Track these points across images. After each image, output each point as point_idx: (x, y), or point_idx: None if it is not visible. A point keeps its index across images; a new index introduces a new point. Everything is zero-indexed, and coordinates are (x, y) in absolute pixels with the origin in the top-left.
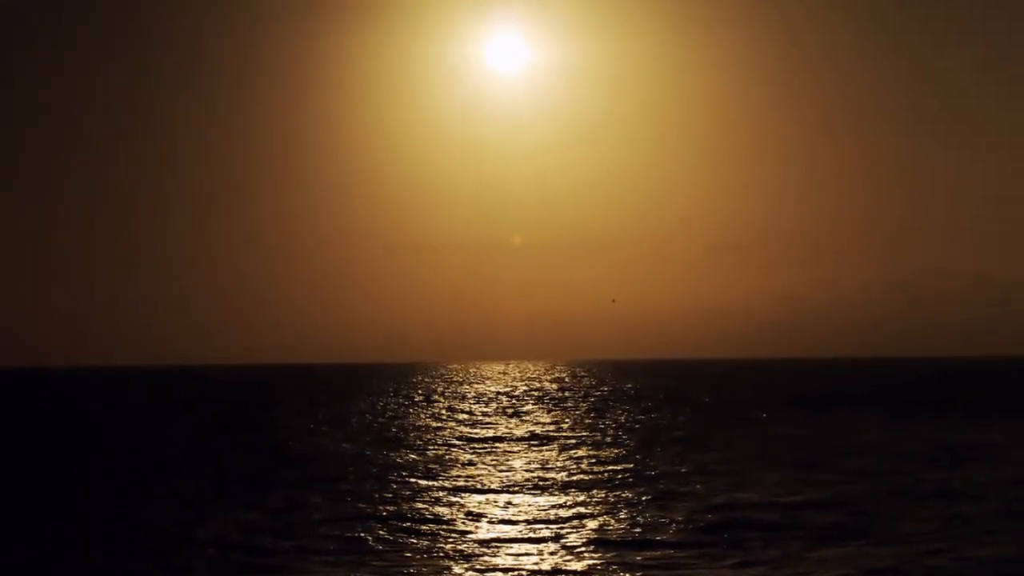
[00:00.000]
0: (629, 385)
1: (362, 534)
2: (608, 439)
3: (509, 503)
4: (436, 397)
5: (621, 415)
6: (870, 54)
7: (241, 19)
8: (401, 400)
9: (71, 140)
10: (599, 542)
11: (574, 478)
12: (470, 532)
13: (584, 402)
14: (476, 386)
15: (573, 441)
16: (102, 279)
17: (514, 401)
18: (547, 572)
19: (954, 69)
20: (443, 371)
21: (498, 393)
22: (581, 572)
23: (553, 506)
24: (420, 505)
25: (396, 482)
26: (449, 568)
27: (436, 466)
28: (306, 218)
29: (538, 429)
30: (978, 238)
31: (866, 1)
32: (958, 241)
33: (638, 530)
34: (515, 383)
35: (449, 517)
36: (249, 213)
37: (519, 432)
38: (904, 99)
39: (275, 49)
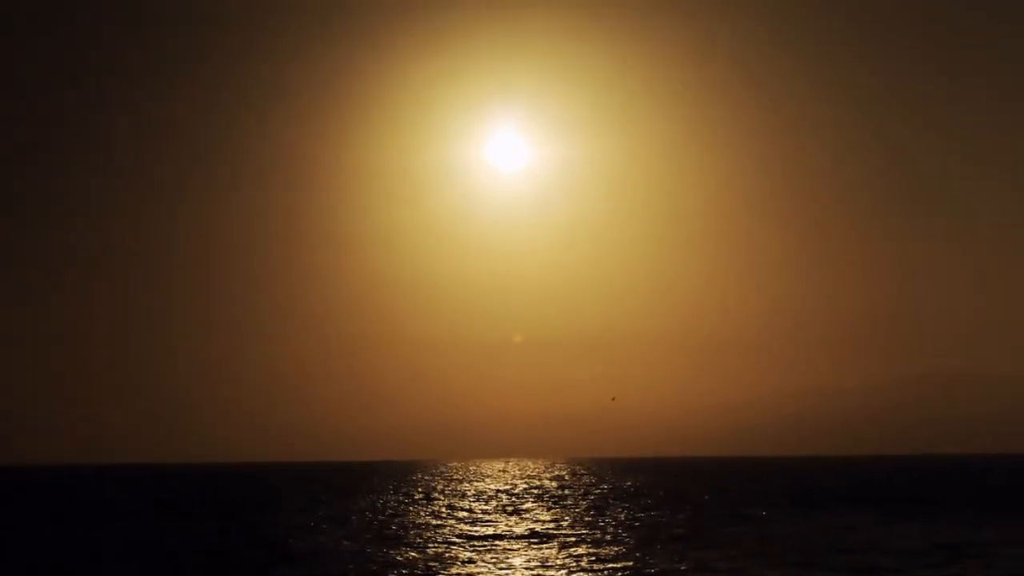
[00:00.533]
0: (629, 483)
1: None
2: (608, 537)
3: None
4: (436, 495)
5: (621, 513)
6: (872, 157)
7: (241, 121)
8: (401, 498)
9: (69, 258)
10: None
11: None
12: None
13: (584, 500)
14: (476, 484)
15: (573, 539)
16: (101, 377)
17: (514, 499)
18: None
19: (953, 174)
20: (443, 469)
21: (498, 491)
22: None
23: None
24: None
25: None
26: None
27: (436, 564)
28: (306, 315)
29: (538, 527)
30: (973, 336)
31: (865, 105)
32: (955, 340)
33: None
34: (515, 481)
35: None
36: (249, 309)
37: (519, 530)
38: (905, 203)
39: (276, 150)
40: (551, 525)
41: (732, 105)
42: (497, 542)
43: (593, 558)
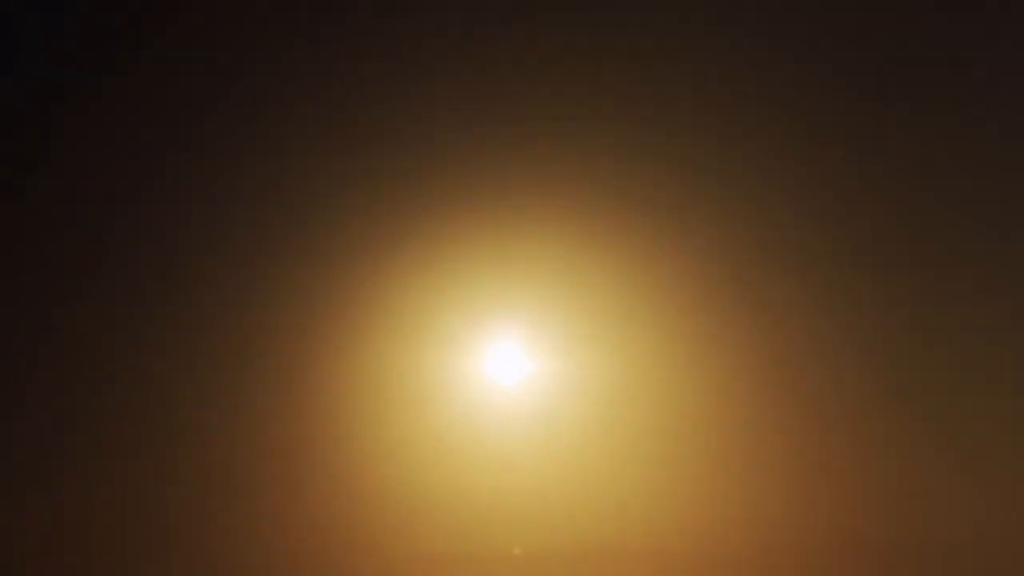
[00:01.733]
0: None
1: None
2: None
3: None
4: None
5: None
6: (875, 367)
7: (230, 314)
8: None
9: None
10: None
11: None
12: None
13: None
14: None
15: None
16: None
17: None
18: None
19: (958, 392)
20: None
21: None
22: None
23: None
24: None
25: None
26: None
27: None
28: (296, 527)
29: None
30: (975, 554)
31: (865, 309)
32: (955, 556)
33: None
34: None
35: None
36: (239, 517)
37: None
38: (907, 421)
39: (267, 369)
40: None
41: (732, 318)
42: None
43: None
